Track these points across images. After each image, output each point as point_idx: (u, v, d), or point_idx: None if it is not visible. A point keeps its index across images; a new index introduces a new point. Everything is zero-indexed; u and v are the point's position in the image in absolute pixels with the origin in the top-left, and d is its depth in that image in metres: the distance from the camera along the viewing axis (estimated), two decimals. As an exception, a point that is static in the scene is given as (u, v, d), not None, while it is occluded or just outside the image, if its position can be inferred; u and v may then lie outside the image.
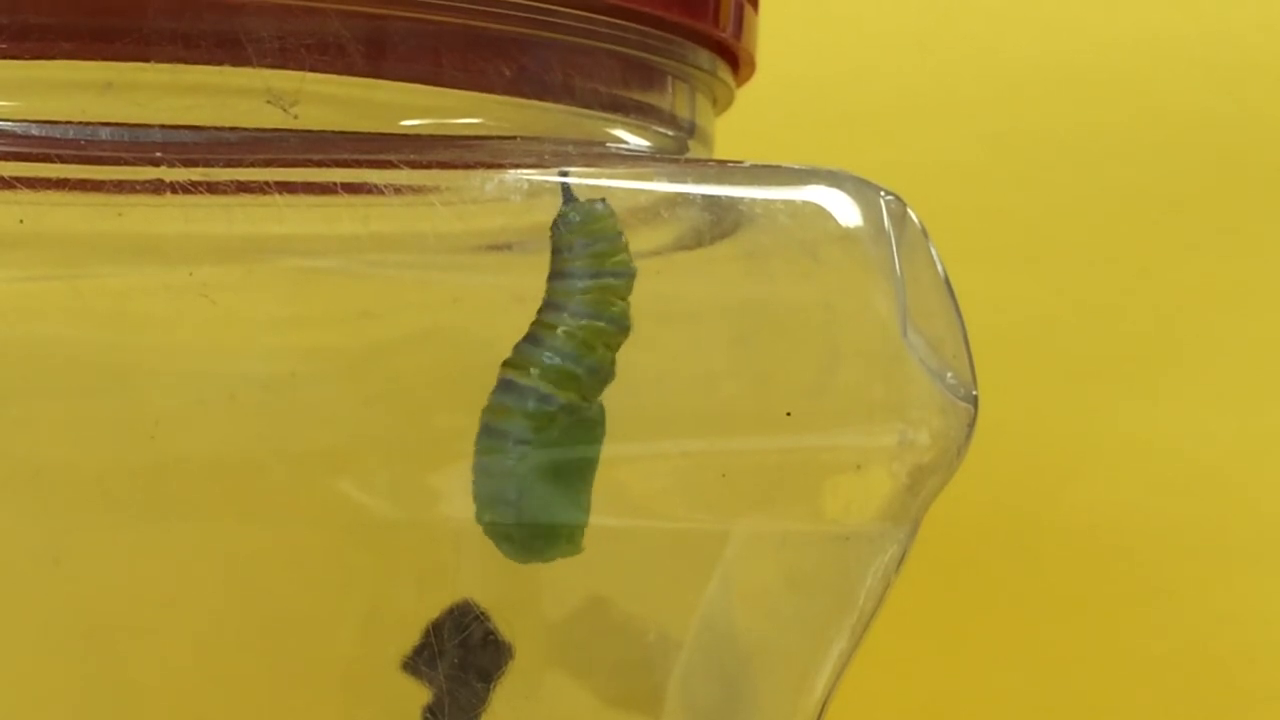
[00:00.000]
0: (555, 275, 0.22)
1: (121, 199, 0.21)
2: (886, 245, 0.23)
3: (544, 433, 0.21)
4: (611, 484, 0.22)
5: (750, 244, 0.23)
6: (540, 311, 0.22)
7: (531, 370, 0.21)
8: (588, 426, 0.22)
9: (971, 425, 0.24)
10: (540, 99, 0.24)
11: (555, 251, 0.22)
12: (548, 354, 0.21)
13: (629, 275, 0.22)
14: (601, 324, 0.22)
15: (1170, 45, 0.41)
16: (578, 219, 0.22)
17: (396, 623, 0.24)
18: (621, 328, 0.22)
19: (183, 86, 0.22)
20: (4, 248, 0.22)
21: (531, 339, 0.22)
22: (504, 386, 0.22)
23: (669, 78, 0.25)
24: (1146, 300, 0.41)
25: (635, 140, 0.25)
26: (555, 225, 0.22)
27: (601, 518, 0.23)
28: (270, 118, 0.22)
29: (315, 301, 0.22)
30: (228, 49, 0.22)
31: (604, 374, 0.22)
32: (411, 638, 0.23)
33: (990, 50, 0.41)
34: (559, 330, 0.21)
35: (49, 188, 0.21)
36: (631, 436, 0.22)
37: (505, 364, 0.22)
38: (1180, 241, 0.41)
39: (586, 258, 0.22)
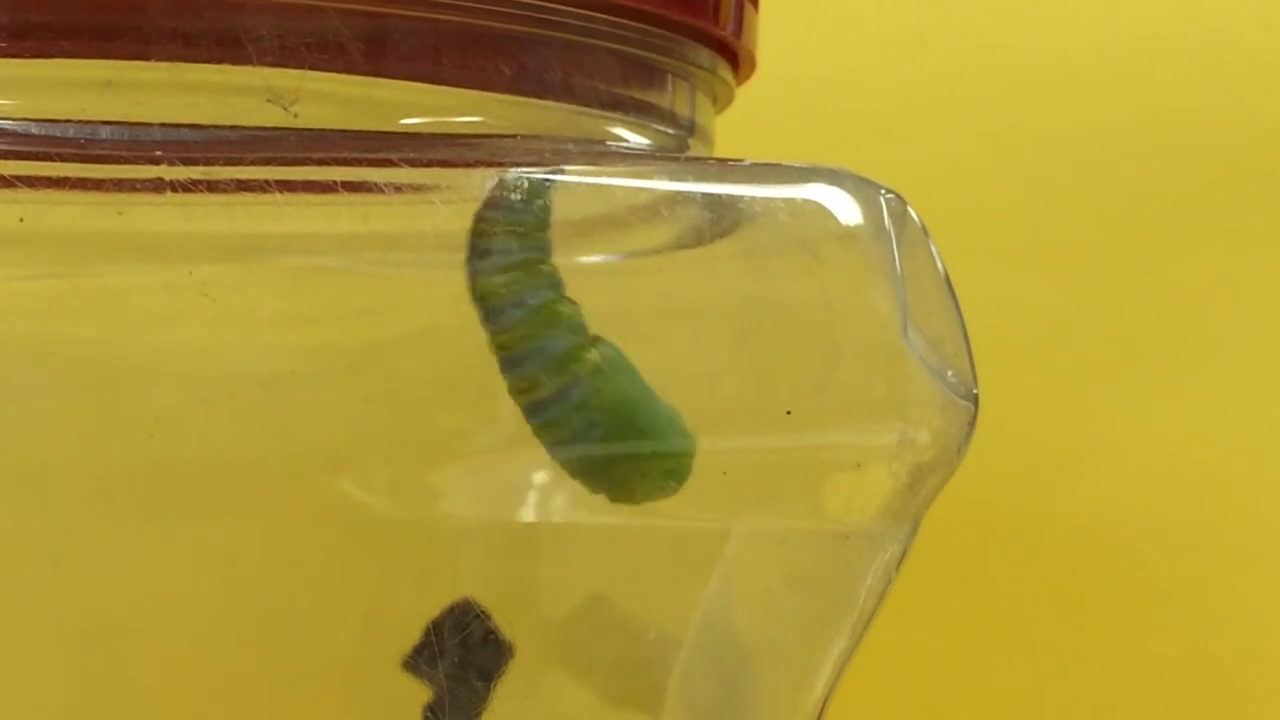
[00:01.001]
0: (476, 254, 0.22)
1: (121, 197, 0.21)
2: (887, 243, 0.23)
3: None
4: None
5: (750, 242, 0.23)
6: (486, 318, 0.22)
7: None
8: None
9: (972, 424, 0.24)
10: (540, 97, 0.24)
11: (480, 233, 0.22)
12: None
13: (546, 254, 0.22)
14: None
15: (1170, 44, 0.41)
16: (510, 199, 0.22)
17: (397, 621, 0.24)
18: (555, 284, 0.22)
19: (183, 85, 0.22)
20: (4, 246, 0.22)
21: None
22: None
23: (669, 76, 0.25)
24: (1147, 298, 0.41)
25: (635, 138, 0.25)
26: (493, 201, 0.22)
27: (602, 516, 0.23)
28: (270, 116, 0.22)
29: (315, 300, 0.22)
30: (228, 47, 0.21)
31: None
32: (412, 636, 0.23)
33: (990, 48, 0.41)
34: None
35: (49, 186, 0.21)
36: (632, 435, 0.22)
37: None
38: (1181, 240, 0.41)
39: (510, 235, 0.22)
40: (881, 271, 0.23)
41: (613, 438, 0.22)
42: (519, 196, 0.22)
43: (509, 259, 0.21)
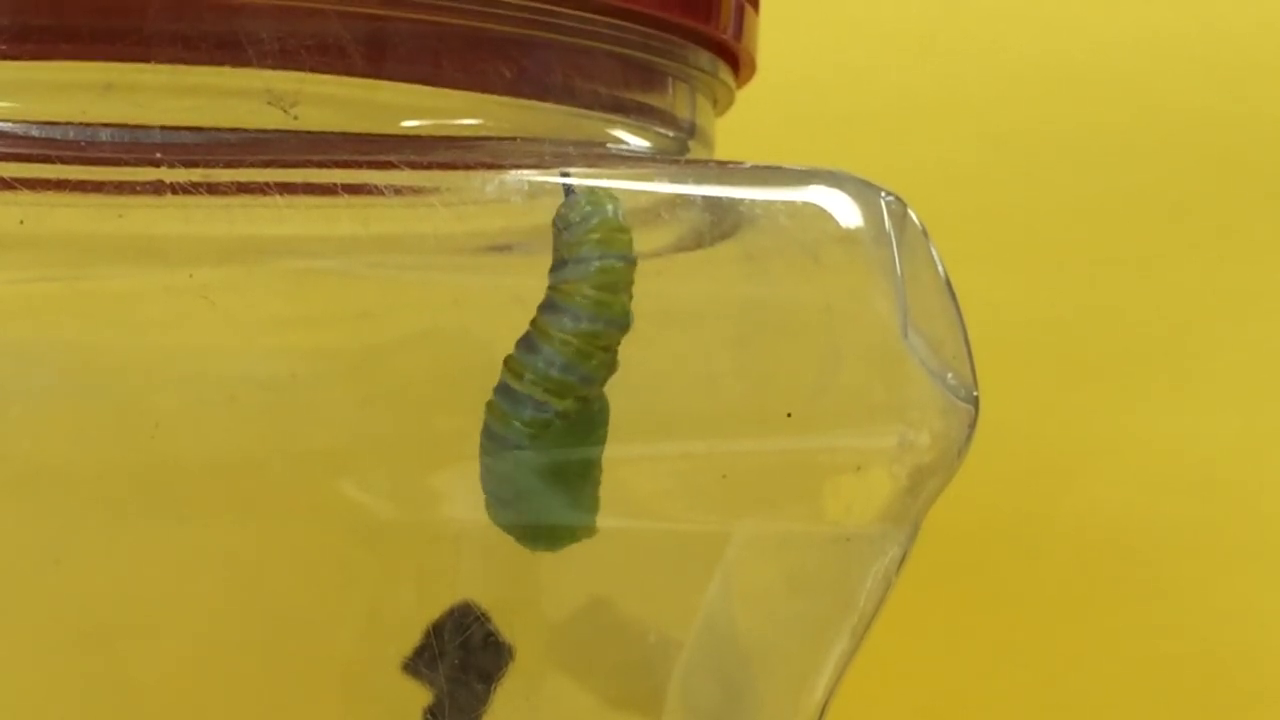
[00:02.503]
0: (557, 265, 0.22)
1: (122, 200, 0.21)
2: (887, 246, 0.23)
3: (539, 439, 0.22)
4: (612, 485, 0.22)
5: (751, 245, 0.23)
6: (540, 310, 0.22)
7: (526, 377, 0.21)
8: (587, 427, 0.22)
9: (972, 426, 0.24)
10: (540, 100, 0.24)
11: (558, 236, 0.22)
12: (543, 362, 0.21)
13: (632, 261, 0.22)
14: (600, 327, 0.21)
15: (1170, 45, 0.41)
16: (586, 205, 0.22)
17: (397, 624, 0.24)
18: (621, 326, 0.22)
19: (183, 87, 0.22)
20: (4, 249, 0.22)
21: (529, 344, 0.22)
22: (503, 390, 0.22)
23: (669, 79, 0.25)
24: (1147, 301, 0.41)
25: (636, 141, 0.25)
26: (559, 217, 0.22)
27: (602, 519, 0.23)
28: (271, 119, 0.22)
29: (315, 302, 0.22)
30: (228, 50, 0.21)
31: (603, 374, 0.22)
32: (412, 639, 0.23)
33: (990, 50, 0.41)
34: (555, 337, 0.21)
35: (49, 189, 0.21)
36: (632, 437, 0.22)
37: (505, 366, 0.22)
38: (1181, 242, 0.41)
39: (591, 242, 0.21)
40: (882, 274, 0.23)
41: (529, 481, 0.22)
42: (600, 203, 0.22)
43: (608, 273, 0.22)
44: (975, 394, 0.24)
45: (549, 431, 0.22)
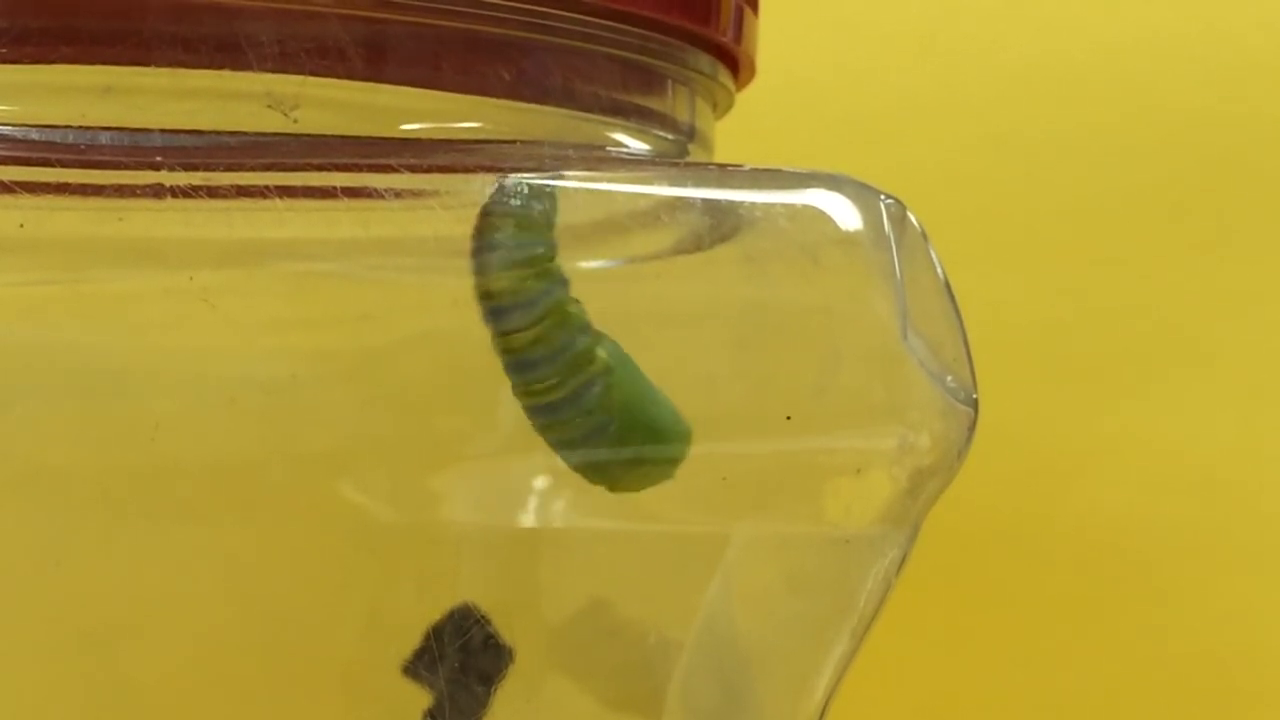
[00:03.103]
0: (479, 251, 0.22)
1: (122, 203, 0.21)
2: (886, 248, 0.23)
3: (601, 408, 0.21)
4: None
5: (750, 247, 0.23)
6: (492, 316, 0.22)
7: (541, 388, 0.21)
8: (615, 362, 0.22)
9: (972, 428, 0.24)
10: (540, 103, 0.24)
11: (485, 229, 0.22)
12: (544, 367, 0.21)
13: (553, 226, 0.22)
14: (552, 299, 0.21)
15: (1170, 45, 0.41)
16: (507, 194, 0.22)
17: (397, 626, 0.24)
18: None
19: (183, 90, 0.22)
20: (4, 252, 0.22)
21: (517, 365, 0.21)
22: (533, 410, 0.21)
23: (669, 81, 0.25)
24: (1148, 302, 0.41)
25: (635, 144, 0.25)
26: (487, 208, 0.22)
27: (602, 521, 0.23)
28: (270, 122, 0.22)
29: (315, 305, 0.22)
30: (228, 53, 0.22)
31: (578, 312, 0.22)
32: (412, 641, 0.23)
33: (990, 52, 0.41)
34: (527, 335, 0.21)
35: (49, 192, 0.21)
36: (632, 439, 0.22)
37: (515, 393, 0.22)
38: (1181, 243, 0.41)
39: (517, 229, 0.21)
40: (881, 276, 0.23)
41: (623, 437, 0.22)
42: (524, 195, 0.22)
43: (516, 254, 0.21)
44: (975, 396, 0.24)
45: (599, 398, 0.21)
